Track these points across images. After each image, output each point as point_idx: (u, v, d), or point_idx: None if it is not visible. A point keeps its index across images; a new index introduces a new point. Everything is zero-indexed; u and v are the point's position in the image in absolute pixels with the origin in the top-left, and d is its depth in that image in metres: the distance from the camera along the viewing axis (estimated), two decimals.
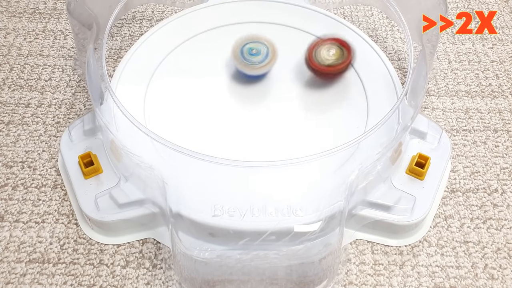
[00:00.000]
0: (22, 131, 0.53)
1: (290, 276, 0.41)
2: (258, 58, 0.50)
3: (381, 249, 0.45)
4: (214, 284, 0.41)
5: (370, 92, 0.50)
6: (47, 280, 0.42)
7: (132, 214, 0.43)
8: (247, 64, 0.50)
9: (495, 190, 0.49)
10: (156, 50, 0.54)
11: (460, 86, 0.58)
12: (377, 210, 0.44)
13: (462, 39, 0.64)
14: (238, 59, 0.50)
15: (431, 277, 0.43)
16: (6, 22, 0.65)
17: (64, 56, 0.61)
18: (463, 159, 0.51)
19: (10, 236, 0.45)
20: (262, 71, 0.51)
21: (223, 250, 0.40)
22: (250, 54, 0.50)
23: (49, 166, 0.50)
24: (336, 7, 0.67)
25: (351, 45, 0.50)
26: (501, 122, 0.55)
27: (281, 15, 0.58)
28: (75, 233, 0.45)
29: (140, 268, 0.43)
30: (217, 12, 0.59)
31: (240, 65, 0.50)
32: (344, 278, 0.43)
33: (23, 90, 0.57)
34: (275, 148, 0.46)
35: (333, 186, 0.41)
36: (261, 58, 0.50)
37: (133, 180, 0.44)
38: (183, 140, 0.42)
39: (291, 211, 0.40)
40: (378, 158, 0.42)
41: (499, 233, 0.46)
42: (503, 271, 0.44)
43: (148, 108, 0.49)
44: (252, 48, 0.50)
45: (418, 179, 0.46)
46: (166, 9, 0.67)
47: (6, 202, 0.47)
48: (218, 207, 0.40)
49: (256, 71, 0.50)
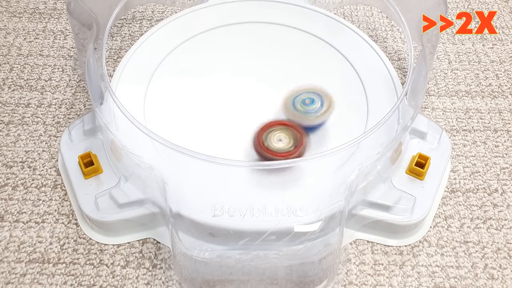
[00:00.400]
0: (22, 131, 0.53)
1: (290, 276, 0.41)
2: (314, 108, 0.47)
3: (381, 249, 0.45)
4: (214, 284, 0.41)
5: (370, 92, 0.50)
6: (47, 280, 0.42)
7: (132, 214, 0.43)
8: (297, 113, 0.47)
9: (495, 190, 0.49)
10: (156, 50, 0.54)
11: (460, 86, 0.58)
12: (377, 210, 0.44)
13: (462, 39, 0.64)
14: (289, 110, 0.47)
15: (431, 277, 0.43)
16: (6, 22, 0.65)
17: (64, 56, 0.61)
18: (463, 159, 0.51)
19: (10, 236, 0.45)
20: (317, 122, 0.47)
21: (223, 250, 0.40)
22: (303, 104, 0.47)
23: (49, 166, 0.50)
24: (336, 7, 0.67)
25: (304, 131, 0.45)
26: (501, 122, 0.55)
27: (281, 15, 0.58)
28: (75, 233, 0.45)
29: (140, 268, 0.43)
30: (217, 12, 0.59)
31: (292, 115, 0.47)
32: (344, 278, 0.43)
33: (23, 90, 0.57)
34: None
35: (333, 186, 0.41)
36: (317, 108, 0.47)
37: (133, 180, 0.44)
38: (183, 140, 0.42)
39: (291, 211, 0.40)
40: (378, 158, 0.42)
41: (499, 233, 0.46)
42: (503, 271, 0.44)
43: (148, 108, 0.49)
44: (305, 99, 0.47)
45: (418, 179, 0.46)
46: (166, 9, 0.67)
47: (6, 202, 0.47)
48: (218, 207, 0.40)
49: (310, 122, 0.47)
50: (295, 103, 0.47)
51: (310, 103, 0.47)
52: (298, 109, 0.47)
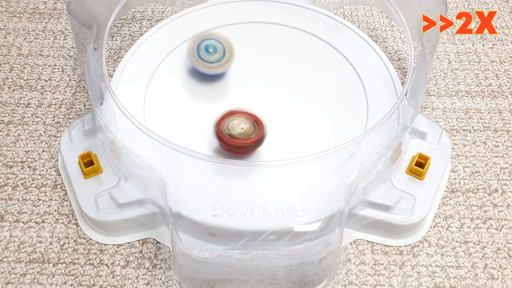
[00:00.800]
0: (22, 131, 0.53)
1: (290, 276, 0.41)
2: (215, 57, 0.49)
3: (381, 249, 0.45)
4: (214, 283, 0.41)
5: (370, 92, 0.50)
6: (47, 280, 0.42)
7: (132, 214, 0.43)
8: (203, 63, 0.49)
9: (495, 190, 0.49)
10: (156, 50, 0.54)
11: (460, 86, 0.58)
12: (377, 210, 0.44)
13: (462, 39, 0.64)
14: (194, 57, 0.49)
15: (431, 277, 0.43)
16: (6, 22, 0.65)
17: (64, 56, 0.61)
18: (463, 159, 0.51)
19: (10, 236, 0.45)
20: (218, 71, 0.50)
21: (223, 250, 0.40)
22: (207, 52, 0.49)
23: (49, 166, 0.50)
24: (336, 7, 0.67)
25: (262, 121, 0.44)
26: (501, 122, 0.55)
27: (281, 15, 0.58)
28: (75, 233, 0.45)
29: (140, 268, 0.43)
30: (217, 12, 0.59)
31: (197, 63, 0.49)
32: (344, 278, 0.43)
33: (23, 90, 0.57)
34: (275, 148, 0.46)
35: (333, 186, 0.41)
36: (219, 57, 0.49)
37: (133, 180, 0.44)
38: (183, 140, 0.42)
39: (291, 211, 0.40)
40: (378, 158, 0.42)
41: (499, 233, 0.46)
42: (503, 271, 0.44)
43: (148, 108, 0.49)
44: (209, 46, 0.49)
45: (418, 179, 0.46)
46: (166, 9, 0.67)
47: (6, 202, 0.47)
48: (218, 207, 0.40)
49: (212, 71, 0.50)
50: (199, 51, 0.49)
51: (213, 51, 0.49)
52: (202, 57, 0.49)
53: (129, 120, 0.42)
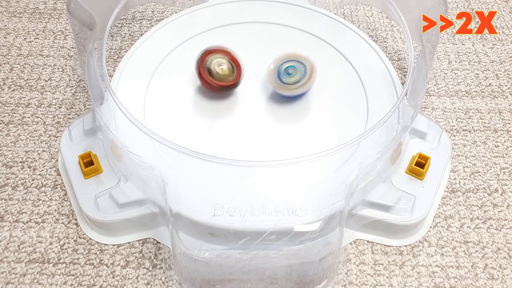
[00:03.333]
0: (22, 131, 0.53)
1: (290, 276, 0.41)
2: (295, 79, 0.48)
3: (381, 249, 0.45)
4: (214, 283, 0.41)
5: (370, 92, 0.50)
6: (47, 280, 0.42)
7: (132, 214, 0.43)
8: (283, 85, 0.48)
9: (495, 190, 0.49)
10: (156, 50, 0.54)
11: (460, 86, 0.58)
12: (377, 210, 0.44)
13: (462, 39, 0.64)
14: (275, 81, 0.48)
15: (431, 277, 0.43)
16: (6, 22, 0.65)
17: (64, 56, 0.61)
18: (463, 159, 0.51)
19: (10, 236, 0.45)
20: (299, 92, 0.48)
21: (223, 250, 0.40)
22: (287, 75, 0.48)
23: (49, 166, 0.50)
24: (336, 7, 0.67)
25: (240, 63, 0.48)
26: (501, 122, 0.55)
27: (281, 15, 0.58)
28: (75, 233, 0.45)
29: (140, 268, 0.43)
30: (217, 12, 0.59)
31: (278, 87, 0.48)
32: (344, 278, 0.43)
33: (23, 90, 0.57)
34: (275, 147, 0.46)
35: (333, 186, 0.41)
36: (299, 78, 0.48)
37: (133, 180, 0.44)
38: (183, 140, 0.42)
39: (291, 210, 0.40)
40: (378, 158, 0.42)
41: (499, 233, 0.46)
42: (503, 271, 0.44)
43: (148, 108, 0.49)
44: (288, 68, 0.48)
45: (418, 179, 0.46)
46: (166, 9, 0.67)
47: (6, 202, 0.47)
48: (218, 207, 0.40)
49: (292, 92, 0.48)
50: (280, 75, 0.48)
51: (293, 72, 0.48)
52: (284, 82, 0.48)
53: (129, 120, 0.42)
